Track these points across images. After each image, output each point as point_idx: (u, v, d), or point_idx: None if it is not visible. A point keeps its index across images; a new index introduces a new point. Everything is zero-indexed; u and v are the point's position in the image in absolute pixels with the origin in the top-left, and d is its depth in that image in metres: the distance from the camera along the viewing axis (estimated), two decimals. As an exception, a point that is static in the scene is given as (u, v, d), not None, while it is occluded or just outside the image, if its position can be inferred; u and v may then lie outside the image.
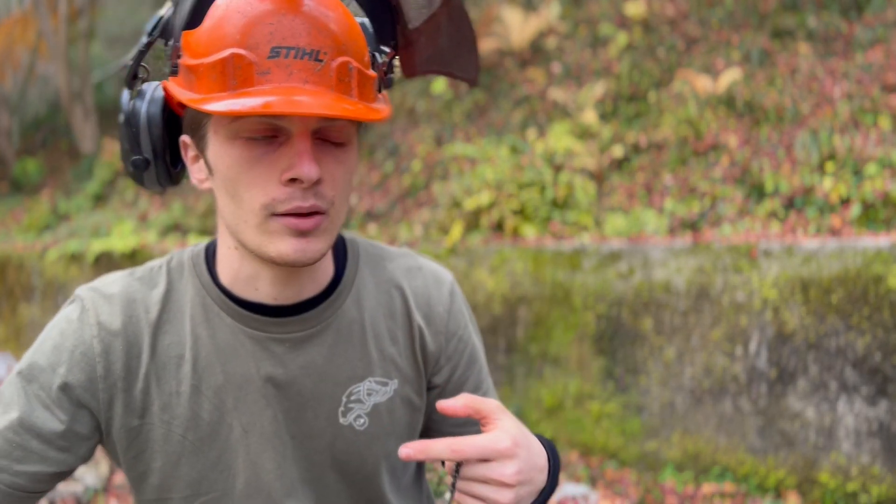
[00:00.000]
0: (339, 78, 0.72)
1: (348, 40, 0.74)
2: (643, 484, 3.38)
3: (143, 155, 0.83)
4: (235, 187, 0.75)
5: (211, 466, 0.85)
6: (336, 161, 0.76)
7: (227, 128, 0.74)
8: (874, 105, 4.31)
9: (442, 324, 0.95)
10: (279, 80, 0.70)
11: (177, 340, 0.84)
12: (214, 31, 0.72)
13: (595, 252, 3.75)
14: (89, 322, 0.82)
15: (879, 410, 2.97)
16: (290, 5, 0.71)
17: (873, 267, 3.02)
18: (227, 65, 0.70)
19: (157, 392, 0.83)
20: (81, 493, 3.48)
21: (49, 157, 10.37)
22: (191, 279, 0.87)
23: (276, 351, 0.85)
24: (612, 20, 6.64)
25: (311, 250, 0.76)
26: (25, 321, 6.44)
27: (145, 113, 0.82)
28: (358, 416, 0.90)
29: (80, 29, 9.50)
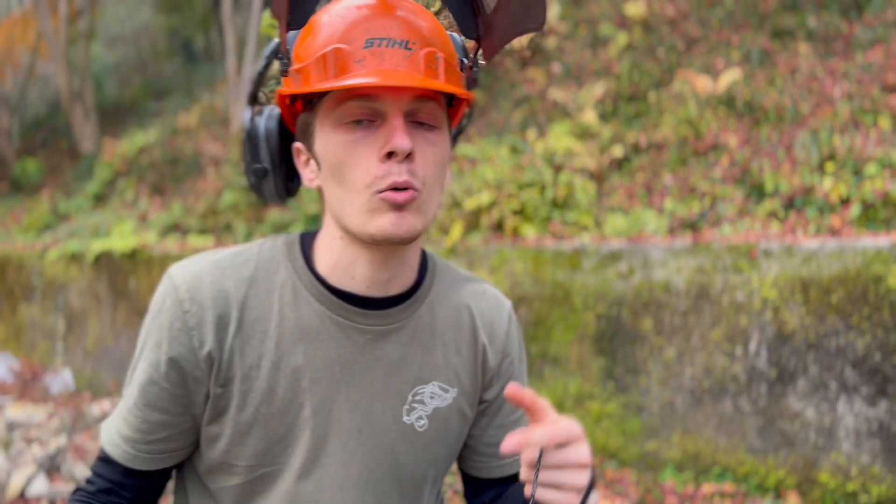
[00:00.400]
0: (427, 64, 0.80)
1: (435, 37, 0.83)
2: (643, 484, 3.38)
3: (262, 164, 0.95)
4: (341, 171, 0.83)
5: (277, 441, 0.90)
6: (427, 142, 0.84)
7: (330, 117, 0.83)
8: (874, 105, 4.31)
9: (501, 343, 1.03)
10: (373, 65, 0.78)
11: (263, 317, 0.90)
12: (317, 35, 0.82)
13: (595, 252, 3.75)
14: (181, 298, 0.88)
15: (879, 410, 2.97)
16: (383, 9, 0.81)
17: (873, 267, 3.02)
18: (327, 58, 0.79)
19: (239, 363, 0.89)
20: (81, 493, 3.48)
21: (49, 157, 10.36)
22: (283, 263, 0.93)
23: (357, 340, 0.91)
24: (612, 20, 6.64)
25: (407, 224, 0.82)
26: (25, 321, 6.44)
27: (264, 127, 0.94)
28: (419, 417, 0.95)
29: (80, 29, 9.50)
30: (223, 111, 8.68)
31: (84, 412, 4.26)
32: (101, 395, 5.35)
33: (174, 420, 0.90)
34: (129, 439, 0.91)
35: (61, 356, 6.04)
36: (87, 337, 5.86)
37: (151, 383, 0.89)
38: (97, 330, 5.78)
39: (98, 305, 5.79)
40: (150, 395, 0.89)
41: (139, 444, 0.91)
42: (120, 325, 5.61)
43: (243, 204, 5.84)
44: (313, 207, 5.31)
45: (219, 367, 0.88)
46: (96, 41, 12.72)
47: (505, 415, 1.05)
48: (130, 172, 7.67)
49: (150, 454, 0.91)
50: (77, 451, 3.74)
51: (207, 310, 0.88)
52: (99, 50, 13.56)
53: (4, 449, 3.86)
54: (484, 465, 1.06)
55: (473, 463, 1.07)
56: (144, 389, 0.90)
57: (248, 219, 5.77)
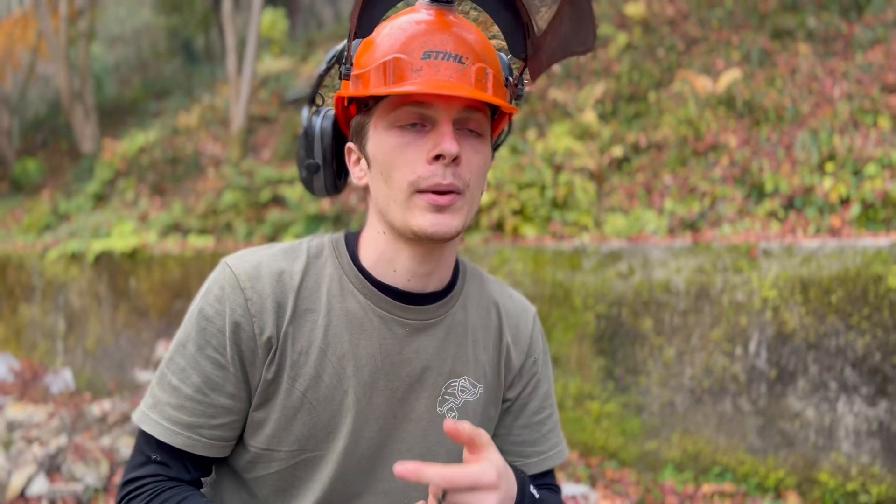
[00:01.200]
0: (478, 78, 0.86)
1: (486, 54, 0.90)
2: (643, 484, 3.38)
3: (315, 160, 1.02)
4: (389, 170, 0.89)
5: (321, 427, 0.95)
6: (473, 149, 0.90)
7: (384, 119, 0.89)
8: (874, 105, 4.31)
9: (525, 344, 1.09)
10: (429, 75, 0.85)
11: (313, 307, 0.95)
12: (379, 45, 0.89)
13: (595, 252, 3.75)
14: (243, 286, 0.93)
15: (879, 410, 2.97)
16: (441, 25, 0.88)
17: (873, 267, 3.02)
18: (387, 66, 0.85)
19: (290, 350, 0.94)
20: (81, 493, 3.48)
21: (49, 157, 10.37)
22: (330, 258, 0.99)
23: (398, 332, 0.97)
24: (612, 20, 6.64)
25: (446, 225, 0.88)
26: (25, 321, 6.44)
27: (319, 125, 1.01)
28: (450, 409, 1.01)
29: (80, 29, 9.50)
30: (223, 111, 8.68)
31: (84, 412, 4.26)
32: (101, 395, 5.35)
33: (238, 406, 0.94)
34: (193, 426, 0.92)
35: (61, 356, 6.04)
36: (87, 337, 5.86)
37: (218, 367, 0.92)
38: (97, 330, 5.78)
39: (98, 305, 5.79)
40: (217, 380, 0.92)
41: (204, 430, 0.93)
42: (120, 325, 5.61)
43: (243, 204, 5.84)
44: (313, 208, 5.31)
45: (274, 353, 0.93)
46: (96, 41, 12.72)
47: (530, 414, 1.10)
48: (130, 172, 7.68)
49: (213, 440, 0.94)
50: (77, 450, 3.74)
51: (267, 298, 0.93)
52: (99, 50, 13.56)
53: (5, 449, 3.87)
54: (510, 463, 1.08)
55: None
56: (210, 374, 0.92)
57: (248, 219, 5.77)
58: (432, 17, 0.90)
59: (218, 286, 0.94)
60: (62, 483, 3.54)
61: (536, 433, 1.11)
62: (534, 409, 1.10)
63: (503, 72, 0.95)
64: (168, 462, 0.94)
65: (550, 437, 1.12)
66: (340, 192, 1.08)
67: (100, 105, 10.76)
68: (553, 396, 1.14)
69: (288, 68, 9.32)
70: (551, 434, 1.12)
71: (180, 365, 0.93)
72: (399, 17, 0.91)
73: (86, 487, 3.51)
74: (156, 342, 5.19)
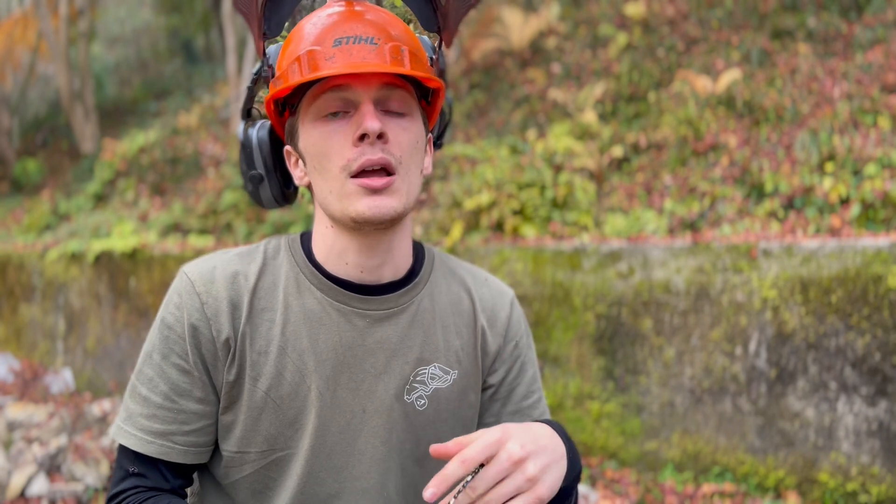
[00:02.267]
0: (393, 56, 0.86)
1: (401, 34, 0.89)
2: (643, 484, 3.38)
3: (257, 171, 1.03)
4: (321, 161, 0.90)
5: (287, 424, 0.95)
6: (399, 127, 0.90)
7: (309, 114, 0.90)
8: (874, 105, 4.31)
9: (502, 328, 1.07)
10: (342, 60, 0.85)
11: (269, 306, 0.96)
12: (294, 45, 0.89)
13: (595, 252, 3.76)
14: (198, 291, 0.94)
15: (879, 410, 2.97)
16: (352, 15, 0.88)
17: (873, 267, 3.02)
18: (301, 60, 0.86)
19: (249, 350, 0.94)
20: (81, 493, 3.48)
21: (49, 157, 10.37)
22: (286, 257, 0.99)
23: (358, 324, 0.96)
24: (612, 20, 6.64)
25: (384, 206, 0.88)
26: (25, 321, 6.44)
27: (256, 136, 1.02)
28: (420, 397, 0.99)
29: (80, 29, 9.50)
30: (223, 111, 8.68)
31: (84, 412, 4.26)
32: (101, 395, 5.35)
33: (208, 410, 0.95)
34: (165, 433, 0.93)
35: (61, 356, 6.04)
36: (87, 337, 5.86)
37: (184, 373, 0.93)
38: (97, 330, 5.78)
39: (98, 305, 5.79)
40: (185, 386, 0.93)
41: (177, 437, 0.93)
42: (120, 325, 5.61)
43: (243, 204, 5.84)
44: (313, 208, 5.31)
45: (233, 354, 0.94)
46: (96, 41, 12.72)
47: (517, 400, 1.08)
48: (130, 172, 7.68)
49: (187, 446, 0.94)
50: (77, 450, 3.74)
51: (222, 300, 0.94)
52: (99, 50, 13.56)
53: (5, 449, 3.87)
54: None
55: None
56: (177, 381, 0.93)
57: (248, 219, 5.77)
58: (342, 8, 0.90)
59: (177, 294, 0.95)
60: (62, 483, 3.54)
61: (527, 418, 1.10)
62: (522, 393, 1.09)
63: (426, 51, 0.95)
64: (145, 473, 0.94)
65: None
66: (291, 202, 1.09)
67: (100, 105, 10.76)
68: (539, 380, 1.13)
69: (288, 68, 9.31)
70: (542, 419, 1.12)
71: (148, 375, 0.94)
72: (311, 16, 0.92)
73: (86, 487, 3.51)
74: (156, 342, 5.18)
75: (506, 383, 1.08)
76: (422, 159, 0.94)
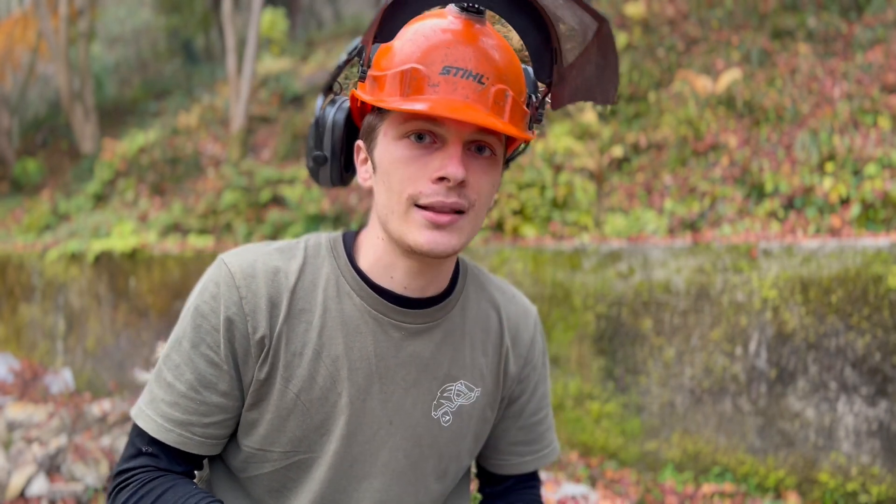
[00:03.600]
0: (496, 100, 0.83)
1: (509, 74, 0.86)
2: (643, 484, 3.38)
3: (323, 152, 1.00)
4: (392, 180, 0.87)
5: (314, 428, 0.94)
6: (482, 170, 0.87)
7: (396, 129, 0.87)
8: (874, 105, 4.31)
9: (525, 349, 1.08)
10: (445, 92, 0.82)
11: (308, 308, 0.94)
12: (400, 49, 0.85)
13: (595, 252, 3.75)
14: (238, 284, 0.92)
15: (879, 410, 2.97)
16: (466, 37, 0.84)
17: (873, 267, 3.02)
18: (405, 76, 0.83)
19: (284, 350, 0.93)
20: (81, 493, 3.48)
21: (49, 157, 10.36)
22: (327, 259, 0.97)
23: (394, 336, 0.96)
24: (612, 20, 6.64)
25: (443, 243, 0.86)
26: (25, 321, 6.44)
27: (332, 117, 0.99)
28: (445, 413, 0.99)
29: (80, 29, 9.49)
30: (223, 111, 8.68)
31: (84, 412, 4.26)
32: (101, 395, 5.35)
33: (231, 404, 0.93)
34: (185, 423, 0.92)
35: (61, 356, 6.04)
36: (87, 337, 5.86)
37: (212, 365, 0.92)
38: (97, 330, 5.78)
39: (98, 305, 5.79)
40: (211, 378, 0.92)
41: (196, 428, 0.92)
42: (120, 325, 5.61)
43: (243, 204, 5.84)
44: (313, 208, 5.31)
45: (267, 353, 0.92)
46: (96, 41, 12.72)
47: (528, 416, 1.10)
48: (130, 172, 7.67)
49: (205, 438, 0.93)
50: (77, 450, 3.74)
51: (262, 297, 0.92)
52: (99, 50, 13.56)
53: (4, 449, 3.86)
54: (504, 462, 1.12)
55: (493, 461, 1.13)
56: (204, 372, 0.92)
57: (248, 219, 5.77)
58: (459, 26, 0.85)
59: (213, 283, 0.93)
60: (62, 483, 3.54)
61: (533, 433, 1.11)
62: (532, 410, 1.10)
63: (527, 88, 0.91)
64: (159, 454, 0.94)
65: (546, 435, 1.13)
66: (347, 184, 1.07)
67: (100, 105, 10.76)
68: (549, 396, 1.14)
69: (288, 68, 9.32)
70: (546, 434, 1.13)
71: (175, 361, 0.93)
72: (424, 21, 0.87)
73: (86, 487, 3.51)
74: (156, 342, 5.19)
75: (520, 402, 1.09)
76: (493, 199, 0.93)
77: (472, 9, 0.86)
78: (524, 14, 0.88)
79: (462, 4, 0.86)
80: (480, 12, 0.86)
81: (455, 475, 1.04)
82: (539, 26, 0.89)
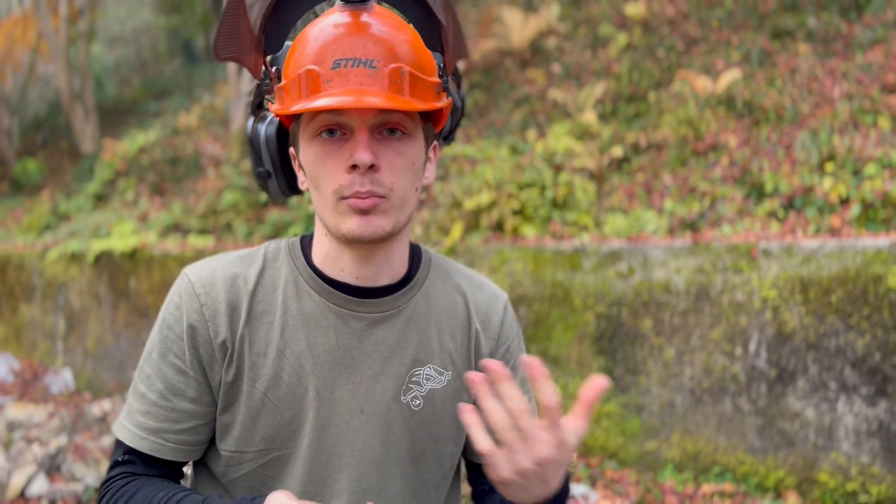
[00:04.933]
0: (392, 80, 0.85)
1: (405, 51, 0.87)
2: (643, 484, 3.38)
3: (265, 167, 1.04)
4: (316, 179, 0.91)
5: (285, 425, 0.96)
6: (395, 151, 0.90)
7: (307, 130, 0.90)
8: (874, 105, 4.31)
9: (495, 331, 1.09)
10: (340, 85, 0.84)
11: (268, 308, 0.97)
12: (297, 56, 0.88)
13: (595, 252, 3.75)
14: (198, 292, 0.96)
15: (879, 410, 2.97)
16: (354, 28, 0.87)
17: (873, 267, 3.02)
18: (301, 79, 0.86)
19: (248, 351, 0.96)
20: (81, 493, 3.48)
21: (49, 157, 10.36)
22: (286, 261, 1.01)
23: (355, 327, 0.98)
24: (612, 20, 6.64)
25: (372, 226, 0.89)
26: (25, 321, 6.44)
27: (264, 133, 1.03)
28: (415, 397, 1.01)
29: (80, 29, 9.50)
30: (223, 111, 8.68)
31: (84, 412, 4.26)
32: (101, 395, 5.35)
33: (202, 410, 0.96)
34: (158, 430, 0.95)
35: (61, 356, 6.04)
36: (87, 337, 5.86)
37: (179, 373, 0.95)
38: (97, 330, 5.78)
39: (98, 305, 5.79)
40: (179, 385, 0.95)
41: (169, 435, 0.96)
42: (120, 325, 5.61)
43: (243, 204, 5.84)
44: (313, 208, 5.31)
45: (230, 356, 0.95)
46: (96, 41, 12.72)
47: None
48: (130, 172, 7.68)
49: (178, 444, 0.96)
50: (77, 450, 3.74)
51: (221, 303, 0.95)
52: (99, 50, 13.56)
53: (5, 449, 3.86)
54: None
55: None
56: (172, 380, 0.95)
57: (248, 219, 5.77)
58: (347, 18, 0.88)
59: (177, 294, 0.97)
60: (62, 483, 3.54)
61: None
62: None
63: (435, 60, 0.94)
64: (135, 461, 0.97)
65: None
66: (300, 193, 1.09)
67: (100, 105, 10.76)
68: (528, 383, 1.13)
69: (288, 68, 9.31)
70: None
71: (146, 373, 0.97)
72: (315, 23, 0.90)
73: (86, 487, 3.51)
74: (156, 342, 5.19)
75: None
76: (418, 176, 0.94)
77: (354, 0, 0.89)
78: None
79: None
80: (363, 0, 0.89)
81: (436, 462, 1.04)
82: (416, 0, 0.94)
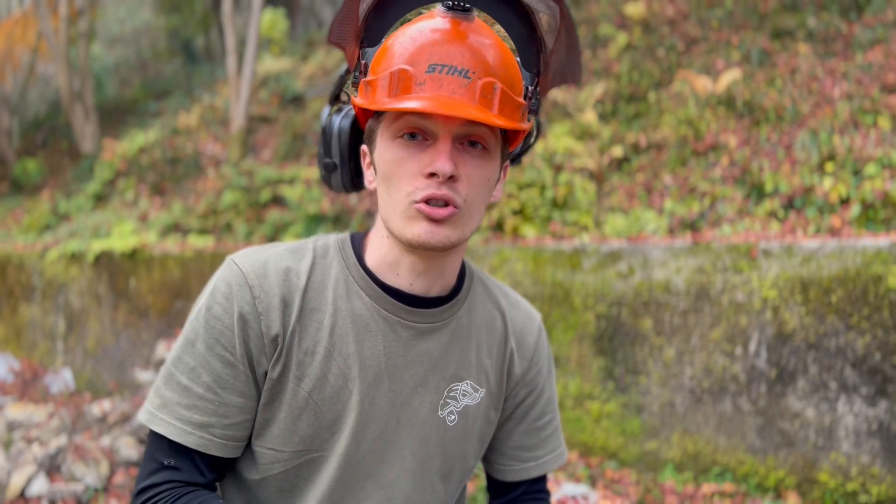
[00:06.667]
0: (483, 94, 0.84)
1: (499, 67, 0.87)
2: (643, 484, 3.38)
3: (332, 159, 1.04)
4: (390, 180, 0.90)
5: (325, 427, 0.95)
6: (473, 164, 0.89)
7: (389, 129, 0.89)
8: (874, 105, 4.31)
9: (529, 352, 1.09)
10: (431, 89, 0.84)
11: (319, 307, 0.95)
12: (390, 53, 0.88)
13: (595, 252, 3.75)
14: (251, 284, 0.93)
15: (879, 410, 2.97)
16: (453, 35, 0.86)
17: (873, 267, 3.02)
18: (393, 77, 0.85)
19: (296, 349, 0.94)
20: (81, 493, 3.48)
21: (49, 157, 10.36)
22: (336, 259, 0.99)
23: (403, 335, 0.97)
24: (612, 20, 6.64)
25: (440, 234, 0.88)
26: (25, 321, 6.44)
27: (338, 125, 1.03)
28: (451, 412, 1.01)
29: (80, 29, 9.50)
30: (223, 111, 8.68)
31: (84, 412, 4.26)
32: (101, 395, 5.35)
33: (249, 405, 0.94)
34: (205, 425, 0.91)
35: (61, 356, 6.04)
36: (87, 337, 5.86)
37: (228, 365, 0.92)
38: (97, 330, 5.78)
39: (98, 305, 5.79)
40: (228, 379, 0.92)
41: (216, 430, 0.92)
42: (120, 325, 5.61)
43: (243, 204, 5.84)
44: (313, 208, 5.31)
45: (280, 352, 0.93)
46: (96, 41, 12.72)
47: (532, 420, 1.10)
48: (130, 172, 7.67)
49: (225, 440, 0.93)
50: (77, 450, 3.74)
51: (274, 296, 0.93)
52: (99, 50, 13.56)
53: (4, 449, 3.86)
54: (509, 467, 1.12)
55: (499, 465, 1.13)
56: (221, 373, 0.92)
57: (248, 219, 5.77)
58: (446, 26, 0.87)
59: (225, 284, 0.93)
60: (62, 483, 3.54)
61: (536, 438, 1.11)
62: (536, 414, 1.10)
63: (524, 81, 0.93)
64: (181, 466, 0.92)
65: (550, 441, 1.13)
66: (360, 190, 1.09)
67: (100, 105, 10.76)
68: (555, 401, 1.14)
69: (288, 68, 9.32)
70: (551, 438, 1.13)
71: (189, 364, 0.92)
72: (414, 24, 0.89)
73: (86, 487, 3.51)
74: (156, 342, 5.19)
75: (524, 405, 1.09)
76: (490, 192, 0.94)
77: (458, 7, 0.88)
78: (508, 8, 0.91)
79: (448, 3, 0.88)
80: (467, 10, 0.88)
81: (460, 477, 1.05)
82: (522, 18, 0.92)
